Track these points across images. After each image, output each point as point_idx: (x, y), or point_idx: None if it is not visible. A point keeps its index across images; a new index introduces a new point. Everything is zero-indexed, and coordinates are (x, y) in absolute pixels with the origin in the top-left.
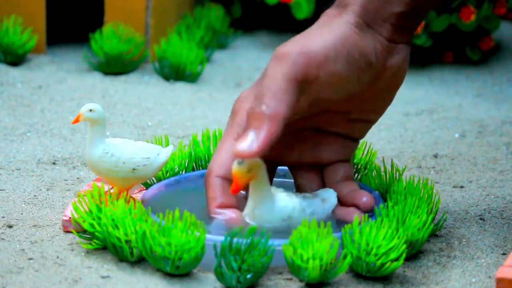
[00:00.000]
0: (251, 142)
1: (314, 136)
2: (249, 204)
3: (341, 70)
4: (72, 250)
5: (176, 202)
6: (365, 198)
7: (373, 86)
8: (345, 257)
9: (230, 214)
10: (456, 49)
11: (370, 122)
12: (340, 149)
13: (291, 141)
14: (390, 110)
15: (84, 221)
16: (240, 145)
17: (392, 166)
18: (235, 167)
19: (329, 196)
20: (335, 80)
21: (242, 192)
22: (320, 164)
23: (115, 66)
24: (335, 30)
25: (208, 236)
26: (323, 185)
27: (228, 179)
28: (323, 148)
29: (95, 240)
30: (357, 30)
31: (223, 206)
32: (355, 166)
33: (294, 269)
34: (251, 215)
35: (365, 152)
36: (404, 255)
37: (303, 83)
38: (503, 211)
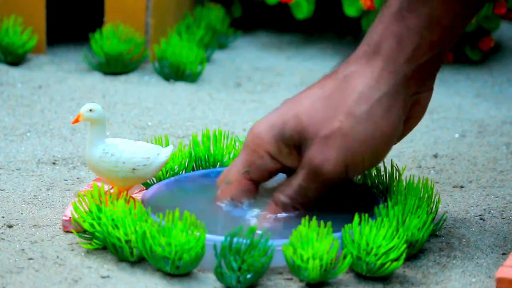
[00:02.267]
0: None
1: None
2: None
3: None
4: (72, 250)
5: (176, 202)
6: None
7: None
8: (345, 257)
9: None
10: (456, 49)
11: None
12: None
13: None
14: None
15: (84, 221)
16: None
17: (392, 166)
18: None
19: None
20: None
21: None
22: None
23: (115, 66)
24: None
25: (208, 236)
26: None
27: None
28: None
29: (95, 240)
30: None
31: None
32: None
33: (294, 269)
34: None
35: None
36: (404, 255)
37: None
38: (503, 211)
